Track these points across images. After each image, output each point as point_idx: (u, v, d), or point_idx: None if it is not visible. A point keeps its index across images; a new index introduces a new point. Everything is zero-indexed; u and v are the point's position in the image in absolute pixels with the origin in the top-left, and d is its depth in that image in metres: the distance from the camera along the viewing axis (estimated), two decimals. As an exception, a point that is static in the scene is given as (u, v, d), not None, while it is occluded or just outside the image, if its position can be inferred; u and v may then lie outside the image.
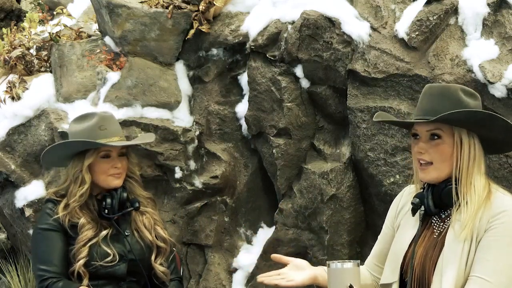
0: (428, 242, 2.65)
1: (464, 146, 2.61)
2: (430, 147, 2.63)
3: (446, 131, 2.62)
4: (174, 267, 3.58)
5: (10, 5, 7.49)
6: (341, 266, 2.53)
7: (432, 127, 2.63)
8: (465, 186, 2.60)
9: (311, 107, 4.30)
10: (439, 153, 2.62)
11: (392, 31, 3.98)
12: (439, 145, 2.63)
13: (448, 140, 2.62)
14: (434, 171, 2.63)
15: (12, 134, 4.71)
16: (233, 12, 4.54)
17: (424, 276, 2.61)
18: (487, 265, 2.51)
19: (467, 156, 2.61)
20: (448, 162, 2.62)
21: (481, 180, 2.62)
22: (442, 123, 2.61)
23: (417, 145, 2.65)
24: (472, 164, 2.61)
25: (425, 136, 2.64)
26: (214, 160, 4.49)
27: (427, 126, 2.64)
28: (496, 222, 2.54)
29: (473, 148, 2.62)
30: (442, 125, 2.62)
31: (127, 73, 4.48)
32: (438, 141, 2.63)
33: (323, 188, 4.17)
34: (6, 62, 5.01)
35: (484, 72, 3.73)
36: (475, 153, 2.62)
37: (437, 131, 2.63)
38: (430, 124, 2.62)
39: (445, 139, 2.62)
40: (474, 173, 2.61)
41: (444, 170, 2.63)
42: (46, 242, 3.40)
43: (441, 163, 2.62)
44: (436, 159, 2.63)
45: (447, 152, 2.62)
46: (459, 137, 2.61)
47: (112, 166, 3.44)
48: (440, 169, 2.63)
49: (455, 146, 2.61)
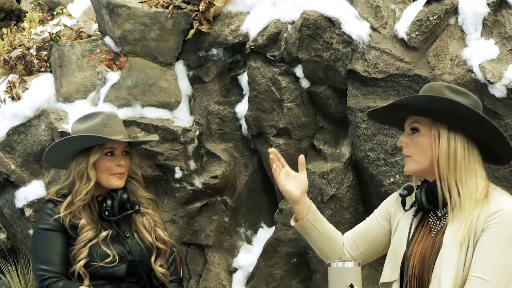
0: (426, 241, 2.66)
1: (441, 139, 2.61)
2: (409, 140, 2.68)
3: (424, 124, 2.65)
4: (174, 268, 3.58)
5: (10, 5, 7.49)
6: (342, 266, 2.54)
7: (411, 120, 2.67)
8: (454, 182, 2.60)
9: (311, 107, 4.30)
10: (416, 146, 2.65)
11: (392, 31, 3.98)
12: (416, 138, 2.66)
13: (425, 133, 2.64)
14: (413, 163, 2.67)
15: (12, 134, 4.70)
16: (233, 12, 4.54)
17: (424, 275, 2.62)
18: (486, 265, 2.51)
19: (446, 150, 2.60)
20: (427, 156, 2.64)
21: (476, 180, 2.61)
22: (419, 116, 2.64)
23: (400, 139, 2.71)
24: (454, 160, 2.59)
25: (407, 130, 2.69)
26: (214, 160, 4.49)
27: (409, 120, 2.68)
28: (493, 222, 2.55)
29: (453, 143, 2.60)
30: (420, 119, 2.65)
31: (127, 73, 4.48)
32: (416, 134, 2.66)
33: (323, 188, 4.17)
34: (6, 62, 5.01)
35: (484, 72, 3.73)
36: (457, 149, 2.60)
37: (415, 125, 2.67)
38: (410, 117, 2.66)
39: (423, 132, 2.65)
40: (462, 170, 2.60)
41: (423, 163, 2.65)
42: (46, 242, 3.40)
43: (419, 156, 2.65)
44: (413, 152, 2.66)
45: (424, 145, 2.64)
46: (437, 130, 2.62)
47: (116, 164, 3.45)
48: (419, 161, 2.66)
49: (433, 139, 2.62)
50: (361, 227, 2.93)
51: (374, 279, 4.04)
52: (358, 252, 2.89)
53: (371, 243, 2.88)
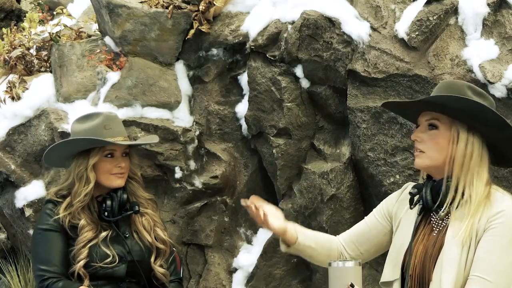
0: (428, 240, 2.66)
1: (460, 140, 2.61)
2: (425, 136, 2.65)
3: (444, 122, 2.63)
4: (174, 268, 3.58)
5: (10, 5, 7.48)
6: (343, 265, 2.53)
7: (430, 116, 2.65)
8: (463, 184, 2.60)
9: (311, 107, 4.30)
10: (432, 143, 2.63)
11: (392, 31, 3.98)
12: (435, 135, 2.64)
13: (444, 132, 2.63)
14: (427, 158, 2.65)
15: (12, 134, 4.70)
16: (233, 12, 4.54)
17: (425, 274, 2.62)
18: (487, 265, 2.51)
19: (463, 152, 2.60)
20: (442, 154, 2.63)
21: (482, 180, 2.61)
22: (440, 114, 2.62)
23: (414, 133, 2.68)
24: (468, 162, 2.60)
25: (424, 125, 2.66)
26: (214, 160, 4.49)
27: (427, 116, 2.65)
28: (495, 222, 2.55)
29: (471, 146, 2.60)
30: (440, 116, 2.63)
31: (127, 73, 4.48)
32: (434, 131, 2.64)
33: (323, 188, 4.17)
34: (6, 62, 5.01)
35: (484, 72, 3.73)
36: (474, 152, 2.60)
37: (434, 121, 2.64)
38: (429, 113, 2.64)
39: (442, 130, 2.63)
40: (474, 173, 2.60)
41: (438, 160, 2.63)
42: (46, 242, 3.40)
43: (434, 153, 2.63)
44: (428, 148, 2.64)
45: (442, 143, 2.63)
46: (456, 131, 2.61)
47: (116, 166, 3.45)
48: (433, 158, 2.64)
49: (451, 139, 2.62)
50: (359, 227, 2.92)
51: (374, 279, 4.04)
52: (358, 252, 2.88)
53: (371, 243, 2.87)
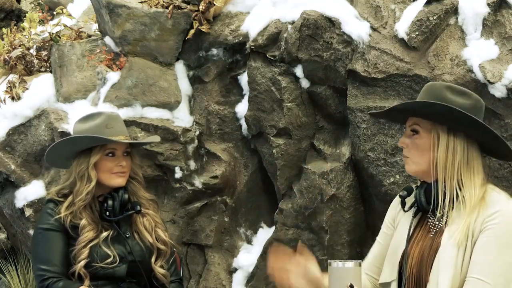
0: (425, 241, 2.65)
1: (441, 143, 2.61)
2: (409, 141, 2.67)
3: (423, 126, 2.64)
4: (175, 268, 3.59)
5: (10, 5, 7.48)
6: (343, 266, 2.53)
7: (412, 122, 2.67)
8: (451, 186, 2.60)
9: (311, 107, 4.30)
10: (415, 148, 2.65)
11: (392, 31, 3.98)
12: (416, 139, 2.65)
13: (425, 135, 2.64)
14: (412, 164, 2.66)
15: (12, 134, 4.70)
16: (233, 12, 4.54)
17: (421, 275, 2.62)
18: (484, 266, 2.51)
19: (444, 154, 2.59)
20: (425, 158, 2.63)
21: (474, 181, 2.60)
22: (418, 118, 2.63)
23: (400, 139, 2.71)
24: (452, 164, 2.59)
25: (408, 131, 2.69)
26: (214, 160, 4.49)
27: (410, 121, 2.67)
28: (491, 223, 2.54)
29: (452, 147, 2.60)
30: (419, 120, 2.64)
31: (127, 73, 4.48)
32: (415, 136, 2.66)
33: (323, 188, 4.17)
34: (6, 62, 5.01)
35: (484, 72, 3.73)
36: (456, 153, 2.59)
37: (415, 126, 2.66)
38: (410, 119, 2.66)
39: (422, 134, 2.64)
40: (463, 173, 2.60)
41: (422, 164, 2.64)
42: (46, 242, 3.40)
43: (418, 158, 2.64)
44: (413, 154, 2.65)
45: (422, 146, 2.63)
46: (436, 132, 2.62)
47: (117, 165, 3.45)
48: (417, 163, 2.65)
49: (431, 142, 2.62)
50: (375, 249, 2.87)
51: (374, 279, 4.04)
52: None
53: None
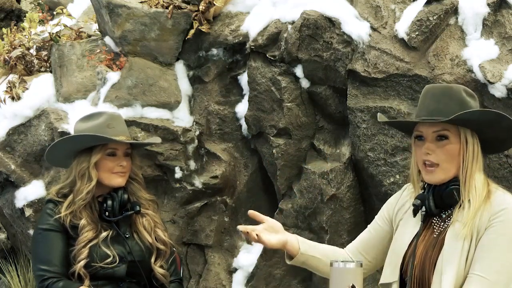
0: (428, 241, 2.66)
1: (469, 146, 2.63)
2: (437, 148, 2.64)
3: (452, 131, 2.63)
4: (174, 268, 3.58)
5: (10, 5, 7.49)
6: (344, 266, 2.53)
7: (439, 128, 2.64)
8: (468, 185, 2.62)
9: (311, 107, 4.30)
10: (446, 154, 2.63)
11: (392, 31, 3.98)
12: (446, 145, 2.63)
13: (454, 140, 2.63)
14: (441, 172, 2.64)
15: (12, 134, 4.70)
16: (233, 12, 4.54)
17: (424, 275, 2.62)
18: (487, 263, 2.52)
19: (472, 156, 2.63)
20: (454, 162, 2.64)
21: (481, 178, 2.65)
22: (449, 124, 2.62)
23: (424, 146, 2.65)
24: (475, 163, 2.63)
25: (432, 137, 2.65)
26: (214, 160, 4.49)
27: (434, 127, 2.64)
28: (496, 221, 2.56)
29: (476, 147, 2.64)
30: (449, 126, 2.63)
31: (127, 73, 4.48)
32: (445, 142, 2.63)
33: (323, 188, 4.17)
34: (6, 62, 5.01)
35: (484, 72, 3.73)
36: (478, 152, 2.64)
37: (445, 132, 2.63)
38: (437, 125, 2.63)
39: (452, 139, 2.63)
40: (476, 172, 2.63)
41: (451, 171, 2.64)
42: (46, 242, 3.40)
43: (448, 164, 2.63)
44: (443, 160, 2.63)
45: (454, 152, 2.63)
46: (464, 137, 2.63)
47: (117, 164, 3.45)
48: (447, 169, 2.64)
49: (461, 146, 2.63)
50: (363, 236, 2.91)
51: (374, 279, 4.04)
52: (366, 261, 2.85)
53: (377, 249, 2.86)
